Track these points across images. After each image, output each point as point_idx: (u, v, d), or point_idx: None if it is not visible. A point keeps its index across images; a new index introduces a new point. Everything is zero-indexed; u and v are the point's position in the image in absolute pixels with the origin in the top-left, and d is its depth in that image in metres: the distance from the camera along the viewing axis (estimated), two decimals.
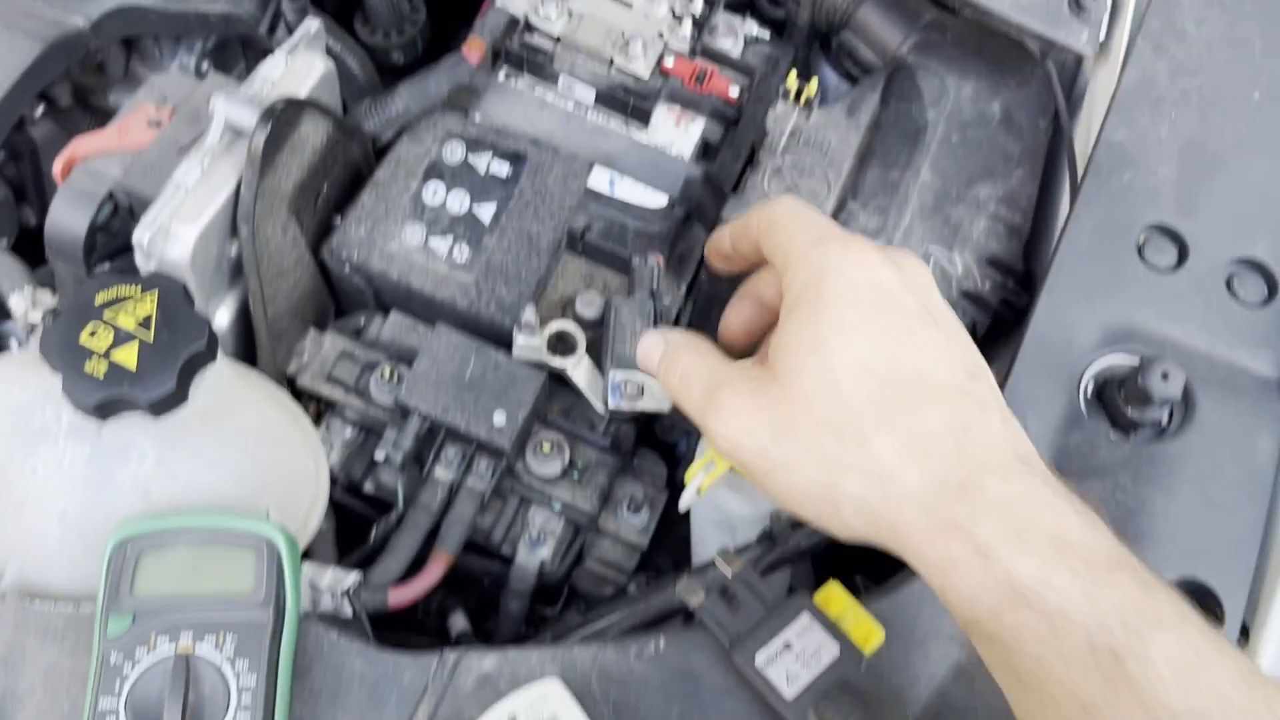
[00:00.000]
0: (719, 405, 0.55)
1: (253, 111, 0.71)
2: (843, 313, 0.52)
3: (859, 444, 0.50)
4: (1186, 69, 0.78)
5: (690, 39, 0.89)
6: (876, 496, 0.50)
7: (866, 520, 0.50)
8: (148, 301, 0.64)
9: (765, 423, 0.53)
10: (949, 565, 0.48)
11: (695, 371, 0.60)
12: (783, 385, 0.53)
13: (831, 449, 0.51)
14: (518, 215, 0.84)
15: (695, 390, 0.58)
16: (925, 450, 0.49)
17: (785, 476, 0.53)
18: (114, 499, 0.64)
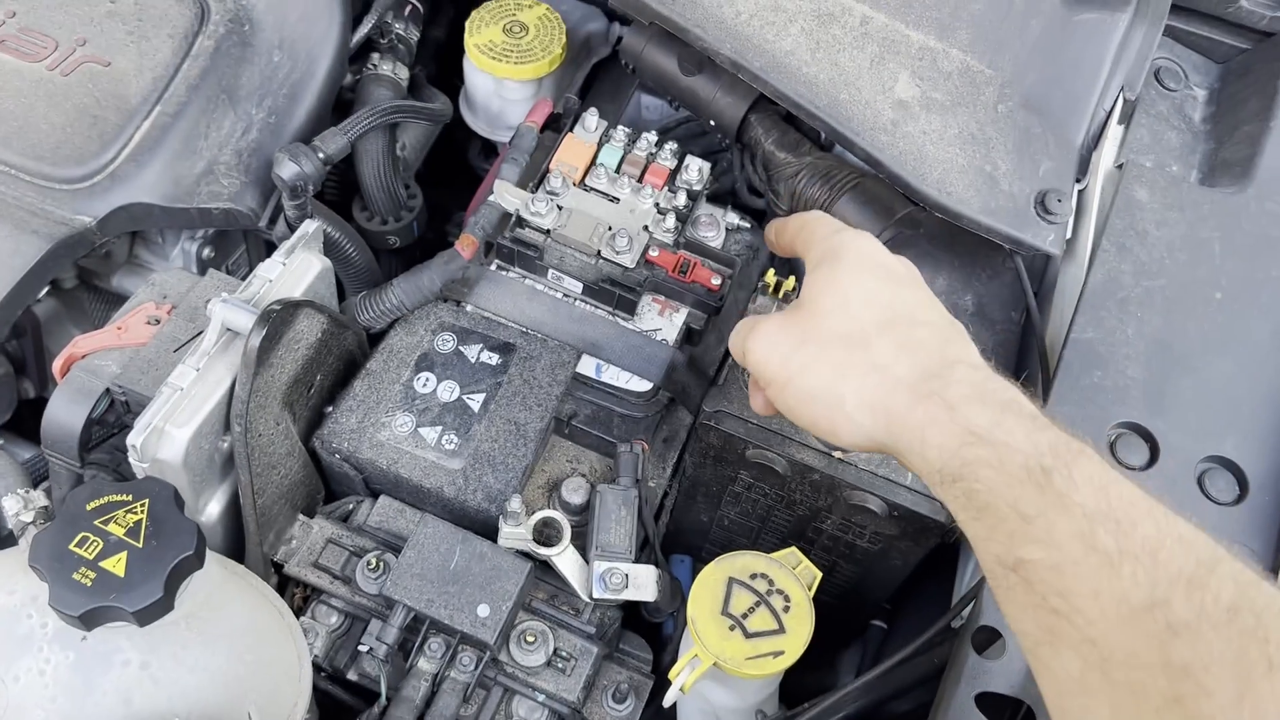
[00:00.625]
0: (754, 329, 0.68)
1: (249, 315, 0.74)
2: (855, 266, 0.67)
3: (864, 348, 0.63)
4: (1150, 270, 0.81)
5: (674, 231, 0.93)
6: (874, 384, 0.62)
7: (865, 409, 0.62)
8: (139, 509, 0.65)
9: (788, 336, 0.66)
10: (927, 422, 0.58)
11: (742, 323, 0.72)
12: (805, 310, 0.66)
13: (840, 354, 0.63)
14: (506, 403, 0.86)
15: (741, 331, 0.70)
16: (914, 350, 0.62)
17: (801, 380, 0.64)
18: (95, 707, 0.64)
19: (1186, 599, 0.47)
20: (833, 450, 0.81)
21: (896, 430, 0.60)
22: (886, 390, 0.61)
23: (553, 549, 0.81)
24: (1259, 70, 0.93)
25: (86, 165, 0.87)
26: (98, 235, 0.87)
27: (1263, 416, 0.76)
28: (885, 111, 0.84)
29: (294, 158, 0.85)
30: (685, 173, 0.96)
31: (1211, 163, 0.89)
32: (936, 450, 0.57)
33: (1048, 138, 0.86)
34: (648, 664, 0.86)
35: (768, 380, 0.67)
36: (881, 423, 0.61)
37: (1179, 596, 0.47)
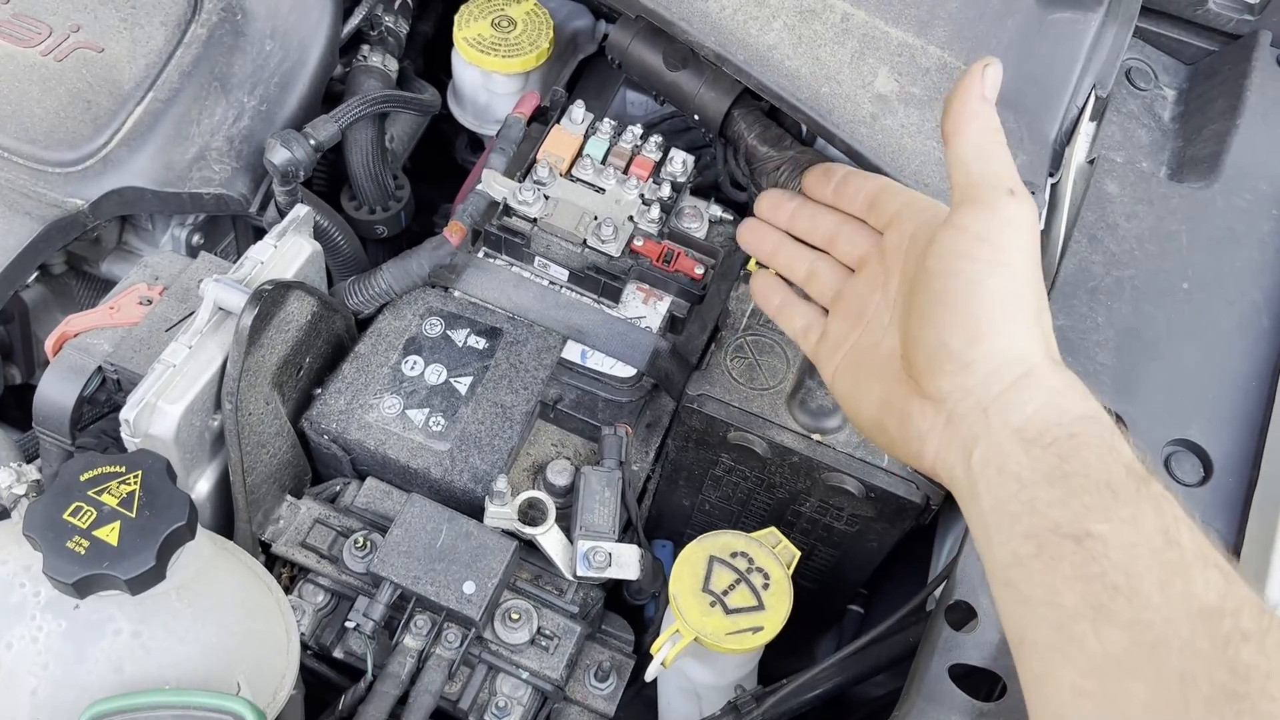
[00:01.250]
0: (1031, 201, 0.60)
1: (241, 294, 0.75)
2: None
3: (1045, 303, 0.60)
4: (1120, 260, 0.84)
5: (658, 222, 0.95)
6: (1036, 332, 0.58)
7: (1024, 345, 0.58)
8: (131, 480, 0.66)
9: (1035, 242, 0.60)
10: (1068, 389, 0.56)
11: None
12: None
13: (1039, 292, 0.59)
14: (493, 387, 0.88)
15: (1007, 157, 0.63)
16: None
17: (1020, 278, 0.58)
18: (87, 675, 0.65)
19: (1257, 615, 0.47)
20: (811, 433, 0.83)
21: (1032, 379, 0.56)
22: (1044, 340, 0.59)
23: (537, 528, 0.82)
24: (1226, 71, 0.96)
25: (79, 149, 0.88)
26: (90, 218, 0.88)
27: (1227, 402, 0.79)
28: (865, 105, 0.86)
29: (286, 143, 0.87)
30: (670, 165, 0.98)
31: (1180, 159, 0.92)
32: (1057, 412, 0.55)
33: (1022, 132, 0.88)
34: (630, 644, 0.88)
35: (998, 243, 0.58)
36: (1023, 364, 0.57)
37: (1249, 611, 0.47)
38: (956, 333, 0.58)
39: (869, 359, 0.66)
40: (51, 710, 0.65)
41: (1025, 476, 0.54)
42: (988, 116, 0.61)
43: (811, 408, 0.82)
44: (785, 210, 0.77)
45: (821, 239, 0.74)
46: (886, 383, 0.64)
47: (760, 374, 0.85)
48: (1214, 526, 0.74)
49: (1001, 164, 0.60)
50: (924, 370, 0.60)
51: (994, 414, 0.56)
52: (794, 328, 0.75)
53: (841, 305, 0.70)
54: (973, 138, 0.60)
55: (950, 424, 0.58)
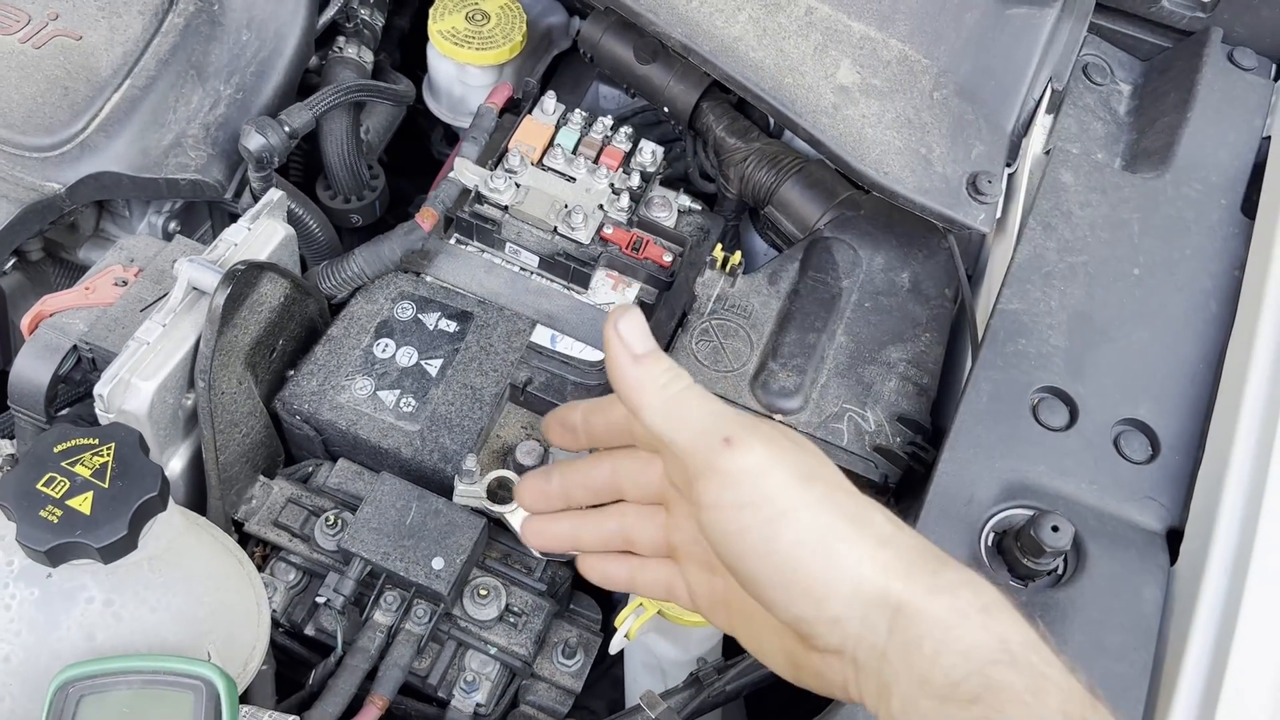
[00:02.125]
0: (758, 428, 0.53)
1: (214, 274, 0.77)
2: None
3: (867, 509, 0.52)
4: (1073, 247, 0.86)
5: (628, 210, 0.97)
6: (891, 556, 0.51)
7: (881, 582, 0.50)
8: (104, 451, 0.67)
9: (799, 462, 0.52)
10: (956, 617, 0.49)
11: (705, 406, 0.54)
12: (800, 443, 0.54)
13: (853, 507, 0.52)
14: (463, 369, 0.89)
15: (717, 404, 0.54)
16: (903, 526, 0.53)
17: (811, 520, 0.51)
18: (59, 642, 0.66)
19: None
20: (773, 414, 0.85)
21: (904, 621, 0.49)
22: (903, 568, 0.50)
23: (506, 506, 0.84)
24: (1179, 66, 0.99)
25: (57, 134, 0.89)
26: (67, 202, 0.89)
27: (1175, 383, 0.81)
28: (827, 96, 0.88)
29: (260, 129, 0.89)
30: (639, 155, 1.00)
31: (1133, 151, 0.95)
32: (962, 657, 0.48)
33: (980, 124, 0.91)
34: (597, 623, 0.89)
35: (753, 500, 0.51)
36: (888, 605, 0.50)
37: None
38: (800, 602, 0.51)
39: (751, 611, 0.56)
40: (24, 676, 0.66)
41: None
42: (654, 374, 0.53)
43: (773, 389, 0.84)
44: (552, 487, 0.65)
45: (606, 490, 0.63)
46: (781, 637, 0.56)
47: (724, 356, 0.87)
48: (1160, 501, 0.76)
49: (697, 421, 0.52)
50: (803, 635, 0.52)
51: (895, 660, 0.49)
52: (661, 592, 0.63)
53: (683, 555, 0.61)
54: (653, 408, 0.53)
55: (860, 671, 0.51)
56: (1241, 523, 0.72)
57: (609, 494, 0.63)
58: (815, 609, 0.50)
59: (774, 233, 1.00)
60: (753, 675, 0.82)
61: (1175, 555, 0.74)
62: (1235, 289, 0.86)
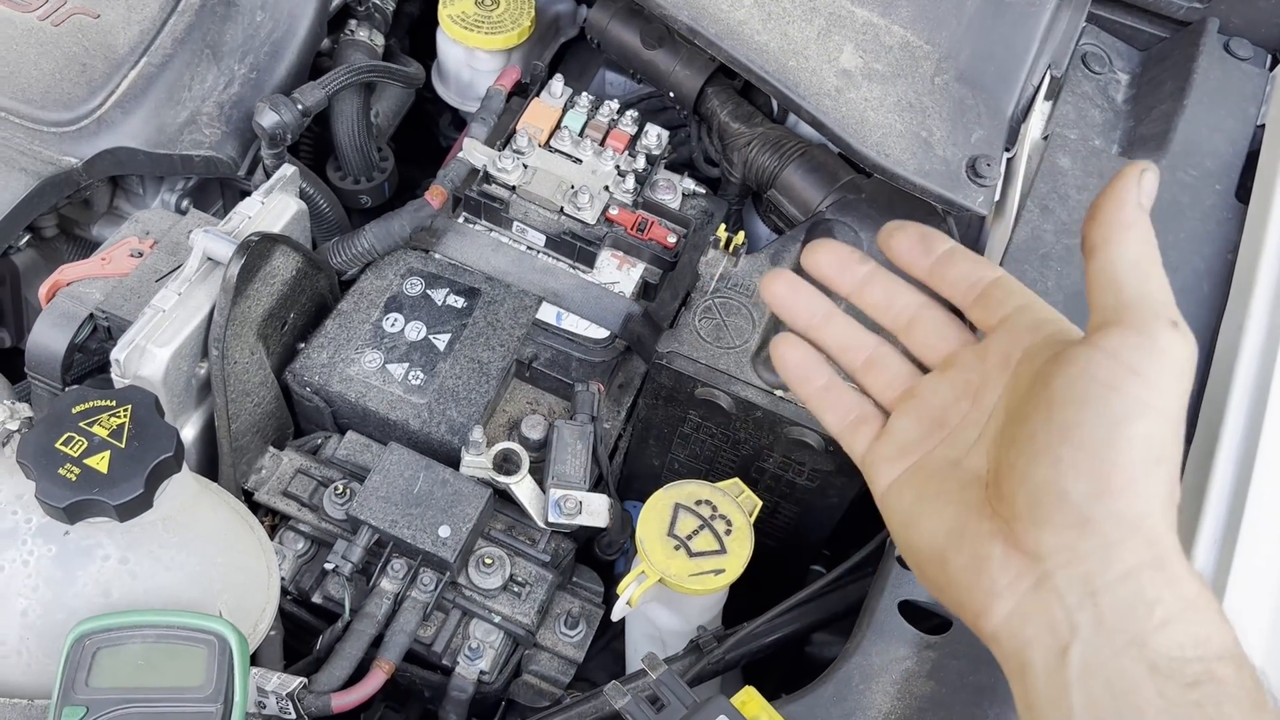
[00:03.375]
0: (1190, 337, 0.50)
1: (229, 245, 0.79)
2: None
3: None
4: (1070, 229, 0.88)
5: (633, 192, 0.98)
6: (1174, 513, 0.49)
7: (1165, 516, 0.48)
8: (121, 413, 0.69)
9: (1187, 388, 0.49)
10: (1201, 600, 0.47)
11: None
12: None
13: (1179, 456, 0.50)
14: (470, 344, 0.91)
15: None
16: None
17: (1164, 423, 0.48)
18: (75, 598, 0.68)
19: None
20: (774, 389, 0.86)
21: (1162, 574, 0.46)
22: (1171, 527, 0.48)
23: (511, 477, 0.86)
24: (1176, 56, 1.00)
25: (74, 110, 0.91)
26: (83, 176, 0.91)
27: None
28: (830, 79, 0.90)
29: (274, 107, 0.90)
30: (645, 138, 1.02)
31: (1130, 138, 0.96)
32: (1190, 639, 0.45)
33: (980, 109, 0.92)
34: (599, 595, 0.91)
35: (1152, 382, 0.47)
36: (1151, 544, 0.47)
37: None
38: (1081, 478, 0.47)
39: (944, 477, 0.54)
40: (41, 630, 0.68)
41: (1150, 715, 0.45)
42: (1145, 229, 0.52)
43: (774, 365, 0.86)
44: (854, 273, 0.61)
45: (894, 321, 0.61)
46: (962, 511, 0.52)
47: (727, 333, 0.88)
48: None
49: (1162, 289, 0.50)
50: (1025, 515, 0.49)
51: (1106, 605, 0.46)
52: (838, 421, 0.61)
53: (914, 405, 0.58)
54: (1128, 251, 0.51)
55: (1040, 591, 0.48)
56: (1230, 504, 0.74)
57: (898, 321, 0.60)
58: (1089, 496, 0.47)
59: (776, 216, 1.02)
60: (751, 645, 0.84)
61: None
62: (1228, 272, 0.87)
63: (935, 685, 0.69)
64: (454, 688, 0.83)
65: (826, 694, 0.70)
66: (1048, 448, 0.48)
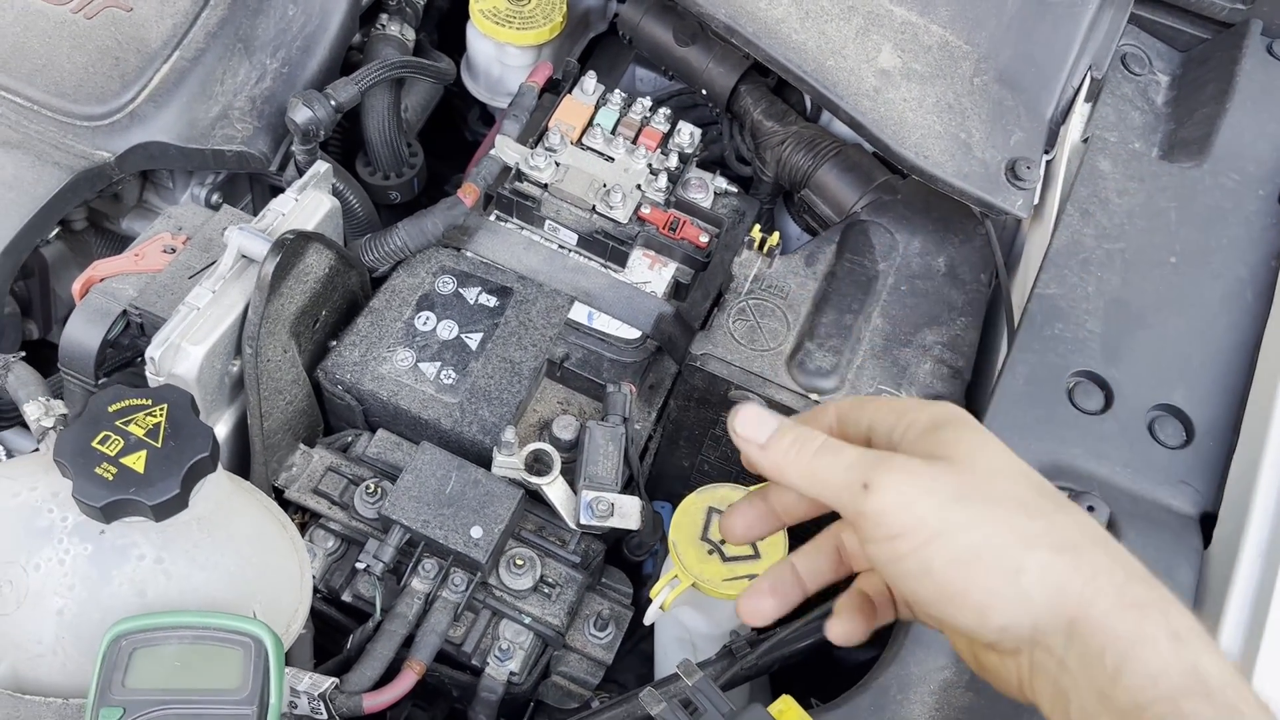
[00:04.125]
0: (890, 466, 0.52)
1: (264, 242, 0.78)
2: (991, 437, 0.55)
3: (1046, 519, 0.51)
4: (1111, 234, 0.87)
5: (665, 191, 0.98)
6: (1067, 564, 0.50)
7: (1051, 589, 0.49)
8: (157, 412, 0.68)
9: (946, 486, 0.52)
10: (1141, 640, 0.47)
11: (839, 458, 0.55)
12: (959, 464, 0.52)
13: (1019, 519, 0.51)
14: (502, 343, 0.91)
15: (848, 454, 0.54)
16: (1105, 542, 0.51)
17: (964, 538, 0.51)
18: (111, 597, 0.68)
19: None
20: (809, 393, 0.85)
21: (1083, 631, 0.48)
22: (1084, 574, 0.49)
23: (543, 478, 0.85)
24: (1218, 58, 0.99)
25: (107, 104, 0.91)
26: (116, 170, 0.90)
27: (1210, 370, 0.82)
28: (869, 79, 0.89)
29: (307, 103, 0.90)
30: (677, 136, 1.01)
31: (1171, 140, 0.95)
32: (1149, 681, 0.46)
33: (1019, 110, 0.91)
34: (628, 597, 0.90)
35: (903, 530, 0.51)
36: (1063, 614, 0.49)
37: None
38: (963, 615, 0.51)
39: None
40: (76, 629, 0.68)
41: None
42: (784, 452, 0.55)
43: (809, 369, 0.85)
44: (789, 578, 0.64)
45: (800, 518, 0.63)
46: (961, 636, 0.56)
47: (761, 336, 0.88)
48: (1193, 486, 0.77)
49: (836, 475, 0.53)
50: (978, 642, 0.53)
51: (1074, 668, 0.49)
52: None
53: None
54: (798, 479, 0.55)
55: (1035, 673, 0.51)
56: (1275, 507, 0.73)
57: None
58: (979, 621, 0.50)
59: (809, 216, 1.01)
60: (783, 650, 0.83)
61: (1209, 539, 0.75)
62: (1271, 279, 0.86)
63: (974, 696, 0.69)
64: (484, 689, 0.83)
65: (864, 704, 0.69)
66: (928, 617, 0.54)
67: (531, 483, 0.85)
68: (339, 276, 0.88)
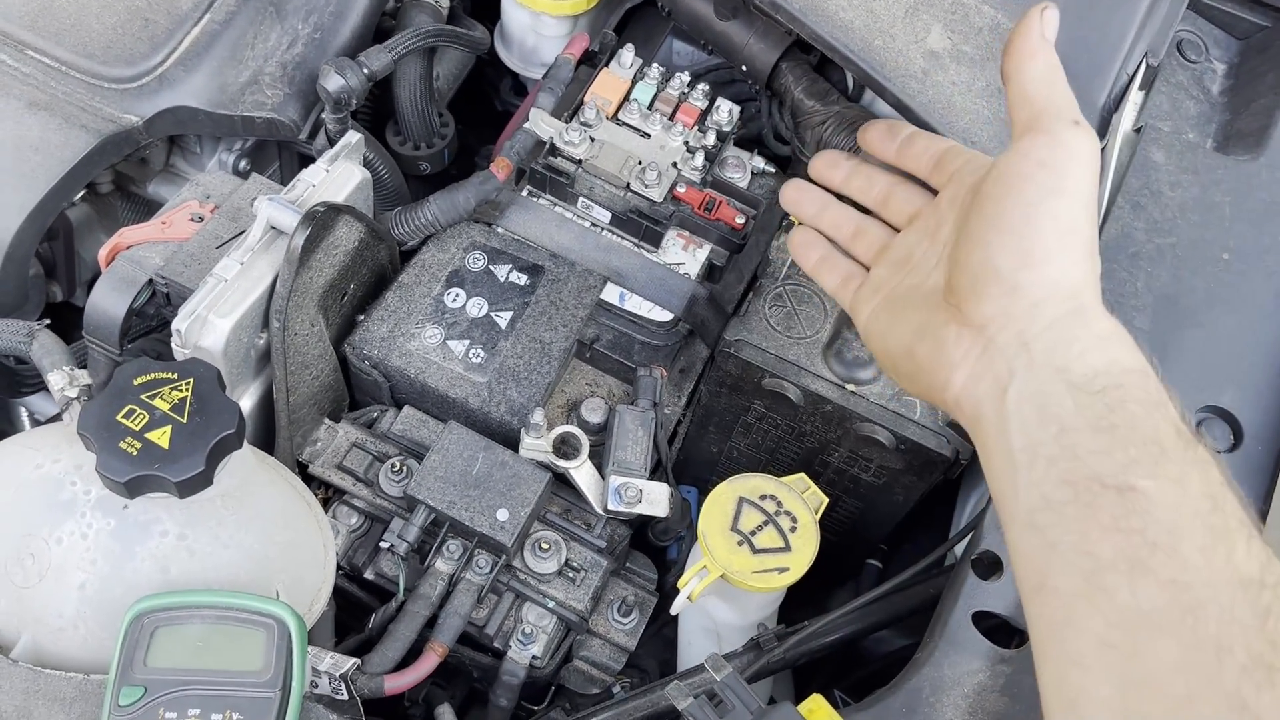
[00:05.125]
0: (1091, 132, 0.61)
1: (294, 214, 0.76)
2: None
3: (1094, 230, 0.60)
4: (1162, 228, 0.84)
5: (701, 170, 0.95)
6: (1089, 265, 0.59)
7: (1082, 275, 0.58)
8: (183, 386, 0.67)
9: (1093, 175, 0.60)
10: (1116, 334, 0.57)
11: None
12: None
13: (1091, 222, 0.60)
14: (532, 322, 0.89)
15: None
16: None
17: (1075, 205, 0.59)
18: (133, 573, 0.67)
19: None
20: (846, 383, 0.83)
21: (1080, 317, 0.56)
22: (1094, 283, 0.58)
23: (571, 462, 0.84)
24: (1277, 46, 0.96)
25: (136, 66, 0.89)
26: (143, 135, 0.89)
27: (1260, 372, 0.79)
28: (917, 60, 0.86)
29: (340, 70, 0.88)
30: (715, 114, 0.99)
31: (1227, 132, 0.92)
32: (1103, 361, 0.54)
33: None
34: (653, 583, 0.89)
35: (1059, 171, 0.58)
36: (1080, 297, 0.57)
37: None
38: (1007, 255, 0.57)
39: (909, 296, 0.66)
40: (98, 605, 0.67)
41: (1067, 421, 0.53)
42: (1048, 53, 0.62)
43: (847, 358, 0.83)
44: (841, 170, 0.77)
45: (875, 199, 0.74)
46: (924, 313, 0.63)
47: (798, 323, 0.85)
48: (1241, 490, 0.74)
49: (1064, 97, 0.60)
50: (968, 293, 0.59)
51: (1037, 349, 0.55)
52: (833, 281, 0.74)
53: (887, 255, 0.70)
54: (1035, 72, 0.61)
55: (986, 353, 0.58)
56: None
57: (877, 199, 0.74)
58: (1014, 267, 0.57)
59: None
60: (811, 644, 0.82)
61: None
62: None
63: (1009, 701, 0.67)
64: (506, 672, 0.82)
65: (895, 705, 0.68)
66: (980, 235, 0.59)
67: (559, 466, 0.83)
68: (368, 250, 0.86)
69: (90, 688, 0.65)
